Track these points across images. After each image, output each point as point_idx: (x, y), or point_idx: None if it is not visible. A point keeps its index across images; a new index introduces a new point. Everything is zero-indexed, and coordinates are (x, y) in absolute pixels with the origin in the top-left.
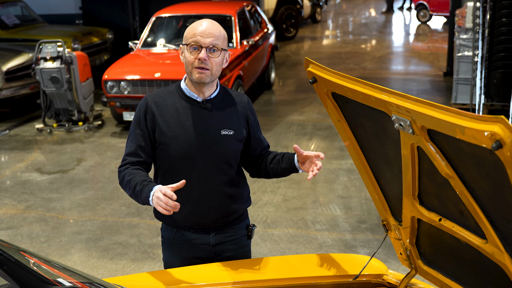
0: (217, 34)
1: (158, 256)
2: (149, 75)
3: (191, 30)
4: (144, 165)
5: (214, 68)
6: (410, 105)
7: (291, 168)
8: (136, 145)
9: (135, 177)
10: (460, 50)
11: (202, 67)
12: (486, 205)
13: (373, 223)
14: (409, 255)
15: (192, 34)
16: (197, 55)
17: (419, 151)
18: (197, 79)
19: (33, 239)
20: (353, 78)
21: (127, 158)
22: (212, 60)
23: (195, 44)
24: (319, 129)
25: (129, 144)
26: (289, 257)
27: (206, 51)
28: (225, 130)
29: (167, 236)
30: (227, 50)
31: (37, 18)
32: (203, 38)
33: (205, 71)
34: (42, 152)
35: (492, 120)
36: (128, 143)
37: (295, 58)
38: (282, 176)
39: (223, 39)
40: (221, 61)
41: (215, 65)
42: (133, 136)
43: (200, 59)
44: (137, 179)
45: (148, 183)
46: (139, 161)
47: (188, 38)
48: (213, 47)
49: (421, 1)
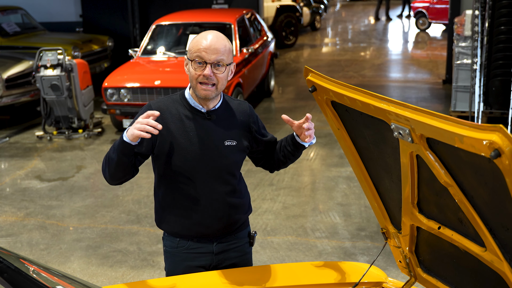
0: (222, 49)
1: (158, 263)
2: (149, 82)
3: (196, 45)
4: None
5: (219, 83)
6: (409, 114)
7: (296, 146)
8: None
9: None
10: (459, 58)
11: (207, 83)
12: (485, 213)
13: (372, 230)
14: (408, 263)
15: (197, 48)
16: (202, 71)
17: (418, 159)
18: (202, 96)
19: (33, 247)
20: (353, 86)
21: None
22: (217, 75)
23: (199, 59)
24: (319, 137)
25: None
26: (288, 264)
27: (210, 67)
28: (228, 141)
29: (170, 245)
30: (233, 62)
31: (38, 26)
32: (207, 54)
33: (211, 87)
34: (42, 159)
35: (491, 129)
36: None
37: (295, 66)
38: (296, 157)
39: (228, 53)
40: (226, 75)
41: (221, 80)
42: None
43: (205, 76)
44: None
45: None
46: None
47: (192, 53)
48: (218, 62)
49: (420, 9)
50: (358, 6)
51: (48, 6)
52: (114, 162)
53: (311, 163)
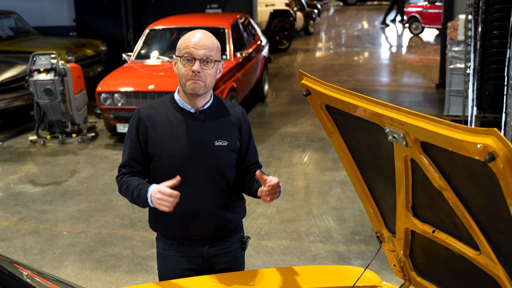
0: (210, 45)
1: (152, 268)
2: (142, 87)
3: (184, 42)
4: (139, 175)
5: (208, 80)
6: (403, 118)
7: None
8: (128, 157)
9: (131, 184)
10: (452, 62)
11: (196, 79)
12: (479, 216)
13: (366, 234)
14: (403, 266)
15: (185, 45)
16: (191, 67)
17: (413, 163)
18: (191, 90)
19: (26, 251)
20: (347, 90)
21: (122, 169)
22: (205, 71)
23: (188, 55)
24: (313, 141)
25: (123, 155)
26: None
27: (199, 63)
28: (218, 141)
29: (162, 247)
30: (221, 60)
31: (31, 30)
32: (196, 50)
33: (199, 81)
34: (36, 164)
35: (485, 132)
36: (123, 154)
37: (288, 70)
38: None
39: (216, 50)
40: (215, 72)
41: (209, 76)
42: (126, 148)
43: (193, 72)
44: (133, 185)
45: (143, 186)
46: (132, 171)
47: (181, 50)
48: (207, 58)
49: (413, 14)
50: (352, 11)
51: (41, 10)
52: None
53: (305, 167)
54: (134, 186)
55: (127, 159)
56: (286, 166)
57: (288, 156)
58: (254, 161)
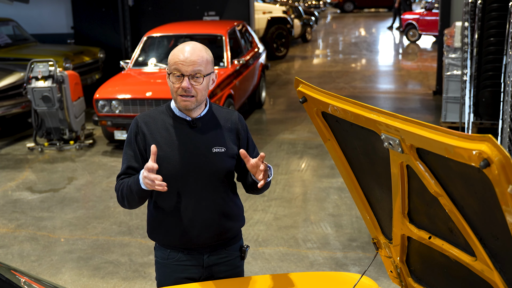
0: (199, 60)
1: (149, 275)
2: (140, 94)
3: (173, 58)
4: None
5: (199, 94)
6: (399, 124)
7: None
8: (127, 166)
9: (125, 182)
10: (449, 69)
11: (186, 95)
12: (475, 222)
13: (364, 241)
14: (399, 272)
15: (174, 62)
16: (180, 84)
17: (409, 169)
18: (183, 107)
19: (24, 258)
20: (343, 97)
21: (118, 178)
22: (195, 87)
23: (177, 72)
24: (310, 148)
25: (122, 164)
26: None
27: (188, 79)
28: (216, 148)
29: (161, 256)
30: (213, 71)
31: (29, 38)
32: (184, 66)
33: (190, 98)
34: (33, 171)
35: (480, 139)
36: (122, 164)
37: (286, 77)
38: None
39: (206, 64)
40: (206, 85)
41: (200, 91)
42: (125, 157)
43: (183, 88)
44: (127, 180)
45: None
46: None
47: (170, 66)
48: (196, 74)
49: (410, 21)
50: (349, 18)
51: (39, 18)
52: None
53: (303, 174)
54: (129, 179)
55: (125, 168)
56: (284, 173)
57: (285, 163)
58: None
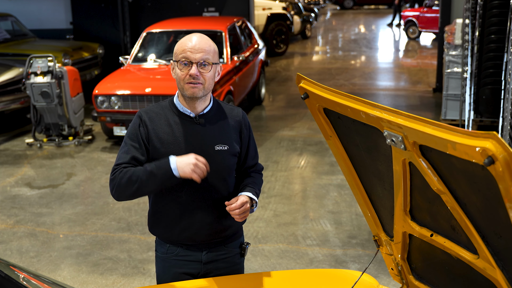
0: (207, 48)
1: (149, 271)
2: (139, 90)
3: (181, 46)
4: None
5: (206, 82)
6: (402, 121)
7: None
8: (130, 156)
9: (137, 169)
10: (449, 66)
11: (194, 82)
12: (478, 220)
13: (363, 238)
14: (400, 270)
15: (182, 50)
16: (188, 71)
17: (411, 166)
18: (190, 94)
19: (23, 254)
20: (345, 94)
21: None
22: (204, 74)
23: (185, 60)
24: (309, 145)
25: (121, 156)
26: (279, 272)
27: (196, 66)
28: (219, 145)
29: (161, 250)
30: (218, 63)
31: (28, 33)
32: (193, 53)
33: (198, 85)
34: (32, 166)
35: (484, 136)
36: (120, 155)
37: (285, 74)
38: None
39: (213, 53)
40: (213, 75)
41: (207, 79)
42: (127, 148)
43: (191, 75)
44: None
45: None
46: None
47: (178, 54)
48: (204, 61)
49: (410, 18)
50: (349, 15)
51: (38, 13)
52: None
53: (302, 171)
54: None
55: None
56: (283, 170)
57: (285, 159)
58: (253, 163)
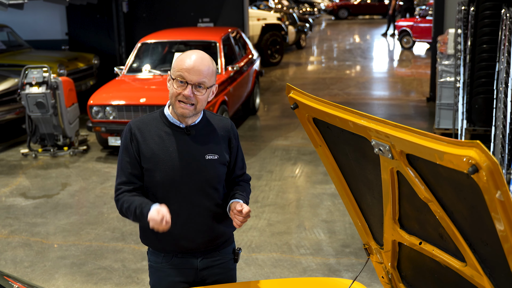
0: (205, 71)
1: (143, 281)
2: (134, 100)
3: (179, 64)
4: (140, 190)
5: (198, 104)
6: (389, 130)
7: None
8: (127, 173)
9: (133, 203)
10: (442, 75)
11: (186, 102)
12: (465, 228)
13: (357, 247)
14: (391, 278)
15: (180, 68)
16: (182, 90)
17: (399, 175)
18: (180, 113)
19: (17, 264)
20: (334, 103)
21: (121, 187)
22: (197, 96)
23: (181, 79)
24: (304, 154)
25: (119, 172)
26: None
27: (191, 88)
28: (209, 155)
29: (154, 260)
30: (215, 84)
31: (23, 44)
32: (190, 75)
33: (189, 106)
34: (27, 176)
35: (468, 145)
36: (119, 172)
37: (280, 84)
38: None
39: (210, 76)
40: (207, 97)
41: (200, 100)
42: (123, 164)
43: (184, 95)
44: (136, 203)
45: (146, 205)
46: (134, 188)
47: (175, 71)
48: (200, 84)
49: (404, 28)
50: (343, 25)
51: (34, 24)
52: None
53: (296, 180)
54: (138, 204)
55: (126, 176)
56: (277, 179)
57: (279, 169)
58: (241, 173)
